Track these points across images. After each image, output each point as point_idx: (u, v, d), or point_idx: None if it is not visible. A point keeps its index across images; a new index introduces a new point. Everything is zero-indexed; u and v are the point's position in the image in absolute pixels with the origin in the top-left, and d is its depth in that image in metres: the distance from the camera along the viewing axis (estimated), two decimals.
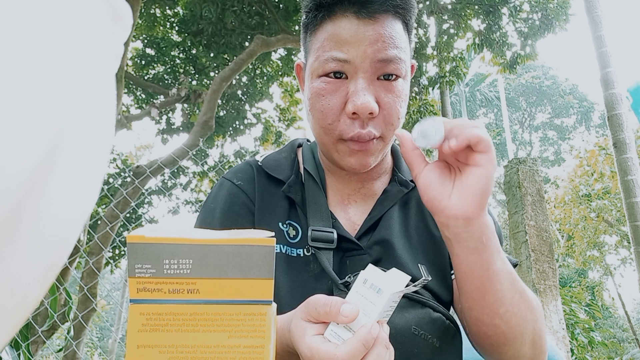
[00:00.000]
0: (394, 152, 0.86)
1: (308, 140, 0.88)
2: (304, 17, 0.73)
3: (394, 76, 0.69)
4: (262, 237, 0.30)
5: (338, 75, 0.68)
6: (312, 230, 0.72)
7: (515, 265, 0.78)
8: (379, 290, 0.45)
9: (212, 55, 6.33)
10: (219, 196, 0.79)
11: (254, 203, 0.77)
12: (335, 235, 0.72)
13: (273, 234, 0.31)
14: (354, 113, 0.67)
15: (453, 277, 0.75)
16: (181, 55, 6.81)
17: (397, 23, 0.69)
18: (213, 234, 0.29)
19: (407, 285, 0.47)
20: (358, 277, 0.48)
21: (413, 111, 6.85)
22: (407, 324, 0.65)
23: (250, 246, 0.29)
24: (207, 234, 0.29)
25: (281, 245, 0.75)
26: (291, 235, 0.75)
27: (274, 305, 0.31)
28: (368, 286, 0.46)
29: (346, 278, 0.69)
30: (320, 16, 0.69)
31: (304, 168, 0.80)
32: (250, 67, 6.68)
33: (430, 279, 0.51)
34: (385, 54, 0.67)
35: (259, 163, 0.82)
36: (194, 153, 5.21)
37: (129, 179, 4.88)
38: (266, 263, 0.29)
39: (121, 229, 7.14)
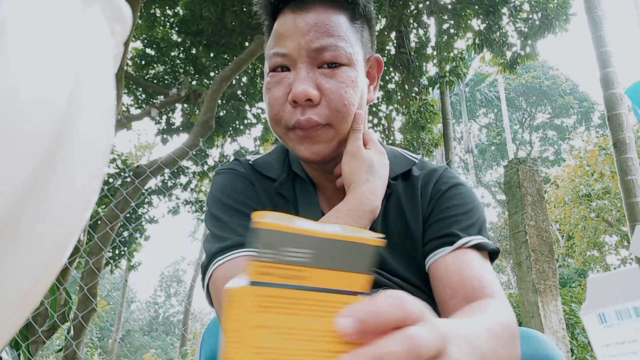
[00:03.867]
0: None
1: None
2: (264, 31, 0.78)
3: (335, 64, 0.70)
4: (371, 237, 0.32)
5: (283, 68, 0.72)
6: None
7: (497, 253, 0.74)
8: None
9: (212, 55, 6.33)
10: (230, 184, 0.78)
11: (256, 191, 0.79)
12: None
13: (381, 235, 0.33)
14: (294, 101, 0.69)
15: (426, 267, 0.73)
16: (181, 55, 6.81)
17: (336, 14, 0.72)
18: (329, 228, 0.31)
19: None
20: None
21: (413, 111, 6.85)
22: None
23: (362, 244, 0.32)
24: (324, 227, 0.31)
25: None
26: None
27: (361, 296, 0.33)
28: None
29: None
30: (268, 21, 0.75)
31: (293, 169, 0.81)
32: (250, 67, 6.68)
33: None
34: (319, 42, 0.69)
35: (250, 162, 0.83)
36: (194, 153, 5.21)
37: (129, 179, 4.88)
38: (370, 260, 0.32)
39: (121, 229, 7.13)
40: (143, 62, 6.84)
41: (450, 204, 0.76)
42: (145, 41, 6.76)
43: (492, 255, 0.74)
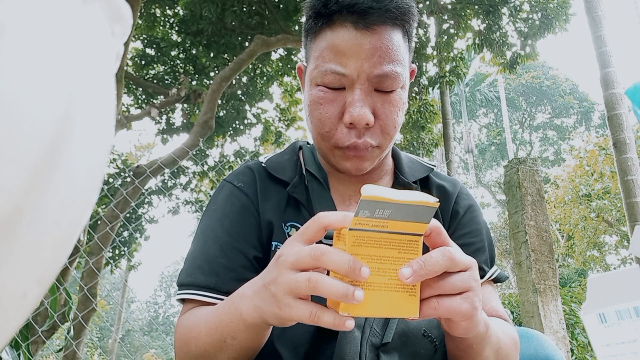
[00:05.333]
0: (394, 154, 0.86)
1: (308, 143, 0.89)
2: (305, 22, 0.75)
3: (390, 90, 0.70)
4: (430, 201, 0.48)
5: (336, 87, 0.70)
6: None
7: (503, 280, 0.81)
8: None
9: (212, 55, 6.33)
10: (219, 199, 0.80)
11: (255, 205, 0.78)
12: None
13: (437, 200, 0.48)
14: (350, 123, 0.69)
15: None
16: (181, 55, 6.81)
17: (395, 33, 0.70)
18: (403, 196, 0.48)
19: None
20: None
21: (413, 111, 6.85)
22: (419, 325, 0.70)
23: (424, 206, 0.48)
24: (399, 195, 0.48)
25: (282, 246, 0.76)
26: None
27: (422, 237, 0.51)
28: None
29: None
30: (320, 24, 0.70)
31: (307, 169, 0.80)
32: (250, 67, 6.68)
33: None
34: (382, 69, 0.68)
35: (263, 164, 0.82)
36: (194, 153, 5.21)
37: (129, 179, 4.88)
38: (428, 215, 0.49)
39: (121, 229, 7.14)
40: (143, 62, 6.84)
41: (470, 229, 0.81)
42: (145, 41, 6.76)
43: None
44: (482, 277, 0.75)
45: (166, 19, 6.68)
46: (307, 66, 0.76)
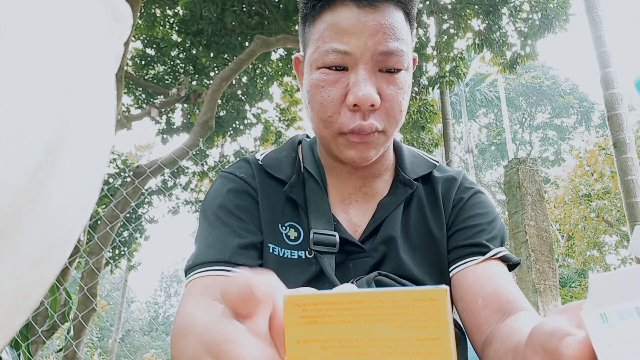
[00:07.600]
0: (396, 149, 0.83)
1: (307, 137, 0.86)
2: (302, 7, 0.71)
3: (395, 69, 0.67)
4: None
5: (338, 67, 0.66)
6: (315, 233, 0.71)
7: (517, 265, 0.76)
8: None
9: (212, 55, 6.33)
10: (222, 188, 0.77)
11: (256, 197, 0.76)
12: (337, 239, 0.71)
13: (446, 288, 0.25)
14: (355, 105, 0.65)
15: (451, 274, 0.74)
16: (181, 55, 6.81)
17: (398, 13, 0.67)
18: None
19: None
20: None
21: (413, 111, 6.85)
22: None
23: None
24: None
25: (279, 248, 0.73)
26: (291, 238, 0.74)
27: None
28: None
29: (349, 282, 0.69)
30: (319, 5, 0.67)
31: (305, 167, 0.78)
32: (250, 67, 6.67)
33: None
34: (387, 46, 0.65)
35: (260, 162, 0.80)
36: (194, 153, 5.20)
37: (129, 179, 4.88)
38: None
39: (121, 229, 7.14)
40: (143, 62, 6.84)
41: (474, 213, 0.77)
42: (145, 41, 6.76)
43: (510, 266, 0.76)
44: (484, 253, 0.71)
45: (166, 19, 6.68)
46: (305, 54, 0.73)
